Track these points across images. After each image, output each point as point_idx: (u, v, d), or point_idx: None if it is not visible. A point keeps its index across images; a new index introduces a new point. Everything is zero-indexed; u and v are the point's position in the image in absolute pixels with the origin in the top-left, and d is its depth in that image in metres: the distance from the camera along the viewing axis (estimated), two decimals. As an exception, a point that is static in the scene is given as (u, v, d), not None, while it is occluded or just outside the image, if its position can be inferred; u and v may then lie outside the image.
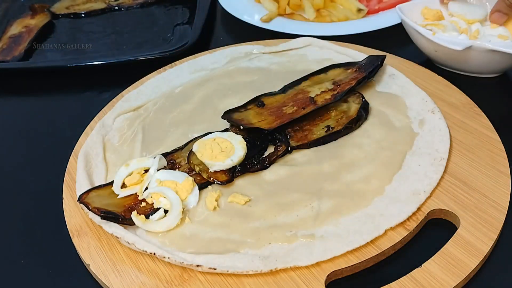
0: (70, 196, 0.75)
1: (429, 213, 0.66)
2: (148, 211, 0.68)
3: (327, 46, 0.99)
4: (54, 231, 0.73)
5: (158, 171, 0.73)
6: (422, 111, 0.80)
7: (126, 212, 0.68)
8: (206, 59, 1.01)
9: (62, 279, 0.67)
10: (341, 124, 0.79)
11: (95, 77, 1.07)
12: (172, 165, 0.76)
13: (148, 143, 0.82)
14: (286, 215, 0.67)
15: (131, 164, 0.74)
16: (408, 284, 0.58)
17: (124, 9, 1.35)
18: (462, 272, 0.59)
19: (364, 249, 0.62)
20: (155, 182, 0.71)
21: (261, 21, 1.11)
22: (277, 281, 0.60)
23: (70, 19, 1.33)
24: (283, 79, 0.90)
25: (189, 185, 0.71)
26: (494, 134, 0.76)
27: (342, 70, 0.89)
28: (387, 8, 1.13)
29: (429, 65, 0.93)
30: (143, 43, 1.19)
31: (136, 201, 0.70)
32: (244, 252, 0.63)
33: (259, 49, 1.01)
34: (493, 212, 0.65)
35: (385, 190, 0.69)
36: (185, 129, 0.84)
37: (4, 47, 1.20)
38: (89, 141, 0.82)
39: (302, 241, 0.64)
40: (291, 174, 0.73)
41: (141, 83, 0.97)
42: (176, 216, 0.67)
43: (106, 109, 0.91)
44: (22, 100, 1.06)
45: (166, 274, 0.63)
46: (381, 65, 0.88)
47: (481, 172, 0.70)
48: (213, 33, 1.19)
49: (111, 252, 0.67)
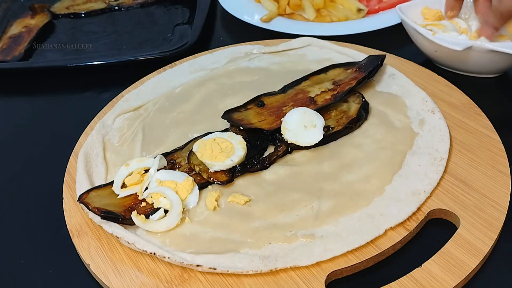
0: (70, 196, 0.75)
1: (429, 213, 0.66)
2: (148, 211, 0.68)
3: (327, 46, 0.99)
4: (54, 231, 0.73)
5: (158, 171, 0.73)
6: (422, 111, 0.80)
7: (126, 212, 0.68)
8: (206, 59, 1.01)
9: (62, 279, 0.67)
10: (341, 124, 0.79)
11: (95, 77, 1.07)
12: (172, 165, 0.76)
13: (148, 143, 0.82)
14: (286, 215, 0.67)
15: (131, 164, 0.74)
16: (408, 284, 0.58)
17: (124, 9, 1.35)
18: (462, 272, 0.59)
19: (364, 249, 0.62)
20: (155, 182, 0.71)
21: (261, 21, 1.11)
22: (277, 281, 0.60)
23: (70, 19, 1.33)
24: (283, 79, 0.90)
25: (189, 185, 0.71)
26: (494, 134, 0.76)
27: (342, 70, 0.89)
28: (387, 8, 1.13)
29: (429, 65, 0.93)
30: (143, 43, 1.19)
31: (136, 201, 0.70)
32: (244, 252, 0.63)
33: (259, 49, 1.01)
34: (493, 212, 0.65)
35: (385, 190, 0.69)
36: (185, 129, 0.84)
37: (4, 47, 1.20)
38: (89, 141, 0.82)
39: (302, 241, 0.64)
40: (291, 174, 0.73)
41: (141, 83, 0.97)
42: (176, 216, 0.67)
43: (106, 109, 0.91)
44: (22, 100, 1.06)
45: (166, 274, 0.63)
46: (381, 65, 0.88)
47: (481, 172, 0.70)
48: (213, 33, 1.19)
49: (111, 252, 0.67)
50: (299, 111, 0.79)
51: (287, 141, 0.76)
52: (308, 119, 0.78)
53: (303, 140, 0.76)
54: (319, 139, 0.76)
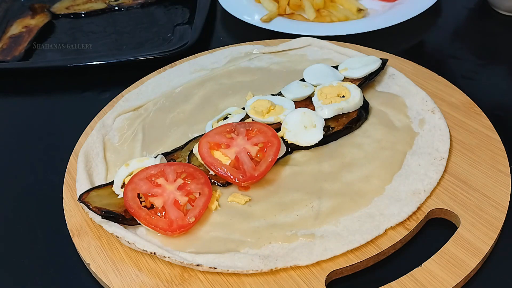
0: (70, 196, 0.75)
1: (429, 212, 0.66)
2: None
3: (327, 46, 0.99)
4: (54, 231, 0.73)
5: (158, 170, 0.73)
6: (422, 111, 0.81)
7: (126, 212, 0.68)
8: (206, 59, 1.02)
9: (62, 279, 0.67)
10: (341, 124, 0.79)
11: (95, 77, 1.07)
12: (172, 164, 0.76)
13: (148, 143, 0.82)
14: (286, 214, 0.67)
15: (131, 164, 0.74)
16: (408, 284, 0.58)
17: (124, 9, 1.35)
18: (462, 271, 0.59)
19: (364, 248, 0.62)
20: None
21: (261, 21, 1.11)
22: (277, 280, 0.60)
23: (70, 19, 1.33)
24: (283, 79, 0.90)
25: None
26: (494, 134, 0.76)
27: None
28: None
29: (429, 65, 0.93)
30: (143, 43, 1.19)
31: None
32: (244, 251, 0.63)
33: (259, 49, 1.01)
34: (493, 211, 0.65)
35: (385, 189, 0.69)
36: (185, 129, 0.84)
37: (4, 47, 1.20)
38: (89, 141, 0.82)
39: (302, 240, 0.64)
40: (291, 174, 0.73)
41: (141, 83, 0.97)
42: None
43: (106, 109, 0.91)
44: (22, 100, 1.06)
45: (166, 273, 0.63)
46: (382, 68, 0.88)
47: (481, 172, 0.70)
48: (213, 33, 1.19)
49: (111, 252, 0.67)
50: (299, 111, 0.79)
51: (287, 141, 0.77)
52: (308, 119, 0.78)
53: (303, 140, 0.76)
54: (319, 139, 0.76)
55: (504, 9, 1.10)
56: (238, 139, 0.74)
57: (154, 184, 0.69)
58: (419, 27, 1.10)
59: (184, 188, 0.69)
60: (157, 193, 0.68)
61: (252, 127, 0.76)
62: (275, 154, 0.72)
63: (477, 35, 1.07)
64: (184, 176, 0.71)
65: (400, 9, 1.10)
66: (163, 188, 0.69)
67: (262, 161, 0.71)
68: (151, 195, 0.68)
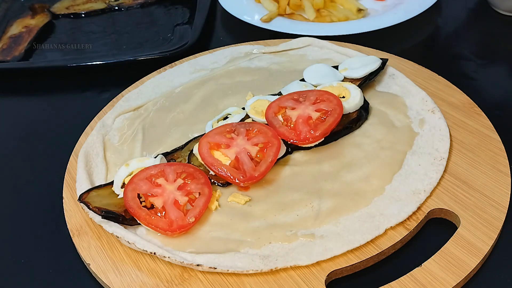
0: (70, 196, 0.75)
1: (429, 212, 0.66)
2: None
3: (327, 46, 0.99)
4: (54, 231, 0.73)
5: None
6: (422, 111, 0.81)
7: (126, 212, 0.68)
8: (206, 59, 1.02)
9: (62, 279, 0.67)
10: (341, 124, 0.79)
11: (95, 77, 1.07)
12: (172, 164, 0.76)
13: (148, 143, 0.82)
14: (286, 214, 0.67)
15: (131, 164, 0.74)
16: (409, 284, 0.58)
17: (124, 9, 1.35)
18: (462, 271, 0.59)
19: (364, 248, 0.62)
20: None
21: (261, 21, 1.11)
22: (277, 280, 0.60)
23: (70, 19, 1.33)
24: (283, 79, 0.90)
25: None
26: (494, 134, 0.76)
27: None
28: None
29: (429, 65, 0.93)
30: (143, 43, 1.19)
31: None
32: (244, 251, 0.63)
33: (259, 49, 1.01)
34: (493, 211, 0.65)
35: (385, 189, 0.69)
36: (185, 129, 0.84)
37: (4, 47, 1.20)
38: (89, 141, 0.82)
39: (302, 240, 0.64)
40: (291, 174, 0.73)
41: (141, 83, 0.97)
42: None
43: (106, 109, 0.91)
44: (22, 100, 1.06)
45: (166, 273, 0.63)
46: (382, 68, 0.88)
47: (481, 172, 0.70)
48: (213, 33, 1.19)
49: (111, 252, 0.67)
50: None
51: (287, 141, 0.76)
52: None
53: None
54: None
55: (504, 9, 1.10)
56: (238, 139, 0.74)
57: (154, 184, 0.69)
58: (419, 27, 1.10)
59: (184, 188, 0.69)
60: (157, 193, 0.68)
61: (252, 127, 0.76)
62: (275, 154, 0.72)
63: (477, 35, 1.07)
64: (184, 176, 0.71)
65: (400, 9, 1.11)
66: (163, 188, 0.69)
67: (262, 162, 0.72)
68: (151, 195, 0.68)
